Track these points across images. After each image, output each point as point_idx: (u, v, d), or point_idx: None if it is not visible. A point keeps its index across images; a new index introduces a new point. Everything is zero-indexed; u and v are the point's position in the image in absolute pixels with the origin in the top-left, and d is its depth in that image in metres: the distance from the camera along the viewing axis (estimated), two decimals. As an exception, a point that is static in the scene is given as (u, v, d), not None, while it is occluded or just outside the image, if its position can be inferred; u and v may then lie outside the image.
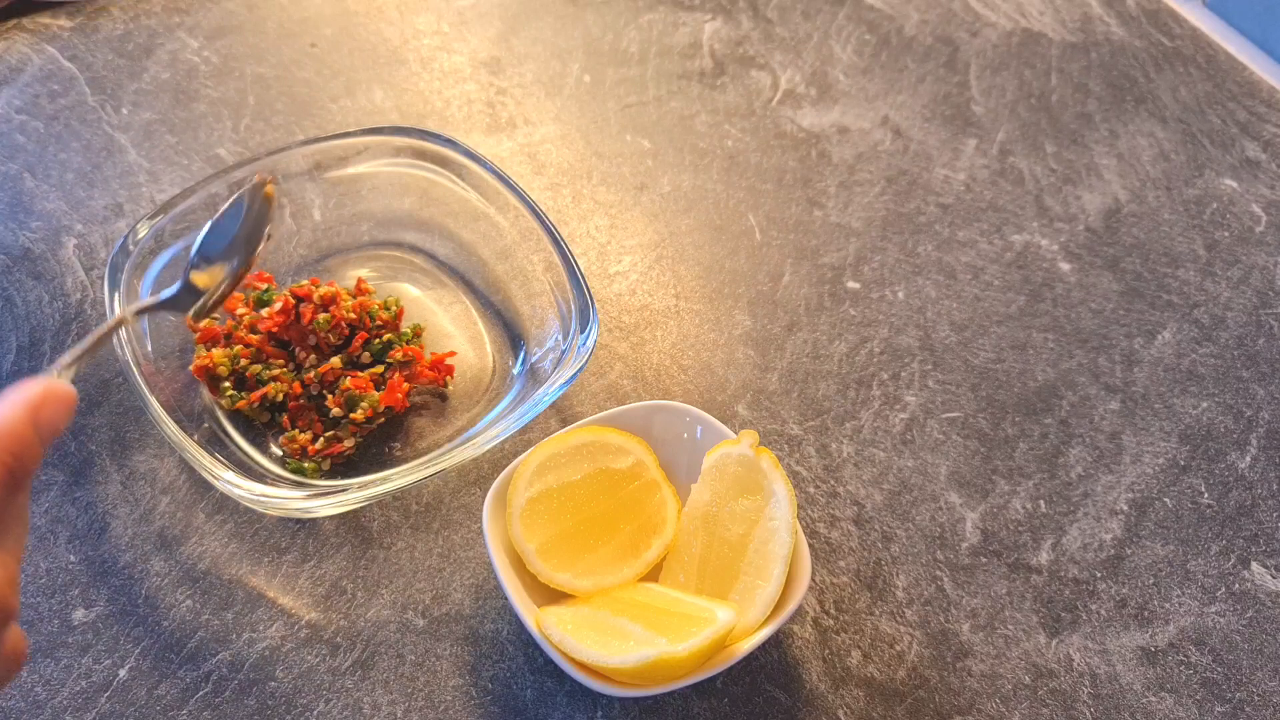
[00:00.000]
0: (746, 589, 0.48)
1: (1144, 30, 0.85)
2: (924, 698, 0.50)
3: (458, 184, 0.61)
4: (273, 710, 0.48)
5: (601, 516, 0.51)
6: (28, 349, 0.59)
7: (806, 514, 0.56)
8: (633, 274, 0.66)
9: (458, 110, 0.74)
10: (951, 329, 0.65)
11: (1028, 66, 0.81)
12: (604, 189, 0.70)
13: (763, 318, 0.64)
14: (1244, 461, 0.60)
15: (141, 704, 0.48)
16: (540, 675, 0.50)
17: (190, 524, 0.53)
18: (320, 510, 0.51)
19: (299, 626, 0.50)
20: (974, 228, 0.70)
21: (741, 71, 0.79)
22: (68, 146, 0.69)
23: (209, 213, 0.59)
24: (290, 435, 0.54)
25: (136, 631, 0.50)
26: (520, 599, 0.47)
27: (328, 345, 0.57)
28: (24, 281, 0.62)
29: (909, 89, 0.79)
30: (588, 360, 0.53)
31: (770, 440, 0.59)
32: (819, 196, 0.71)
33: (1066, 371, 0.63)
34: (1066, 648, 0.52)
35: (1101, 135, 0.77)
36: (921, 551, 0.55)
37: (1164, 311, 0.67)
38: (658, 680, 0.43)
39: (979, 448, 0.59)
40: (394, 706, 0.48)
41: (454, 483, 0.56)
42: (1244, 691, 0.51)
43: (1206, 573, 0.55)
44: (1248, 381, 0.64)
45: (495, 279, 0.62)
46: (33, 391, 0.33)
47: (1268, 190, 0.74)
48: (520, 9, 0.82)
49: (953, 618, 0.53)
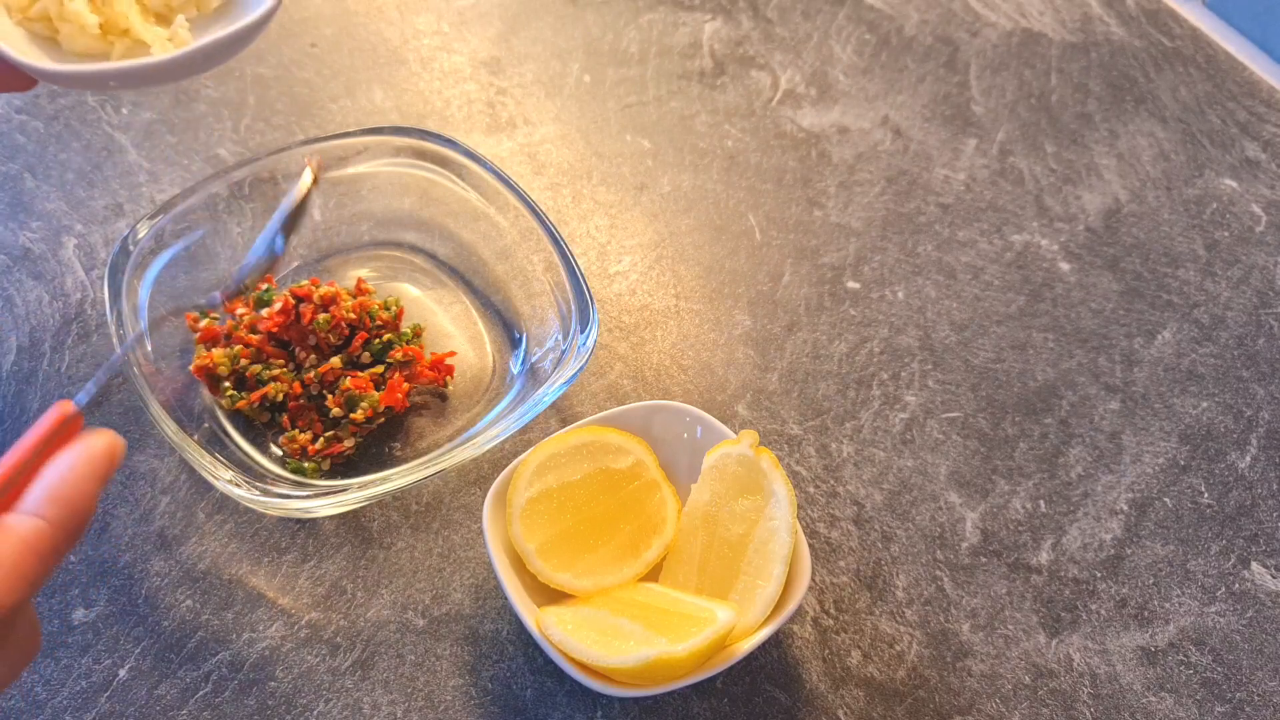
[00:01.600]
0: (746, 589, 0.48)
1: (1144, 30, 0.85)
2: (924, 698, 0.50)
3: (458, 184, 0.61)
4: (273, 710, 0.48)
5: (601, 516, 0.51)
6: (28, 349, 0.59)
7: (806, 514, 0.56)
8: (633, 274, 0.66)
9: (458, 110, 0.74)
10: (951, 329, 0.65)
11: (1028, 66, 0.81)
12: (604, 189, 0.70)
13: (763, 318, 0.64)
14: (1244, 461, 0.60)
15: (141, 704, 0.48)
16: (540, 675, 0.50)
17: (190, 524, 0.53)
18: (320, 510, 0.51)
19: (299, 626, 0.50)
20: (974, 228, 0.70)
21: (741, 71, 0.79)
22: (68, 146, 0.69)
23: (209, 213, 0.59)
24: (290, 435, 0.54)
25: (136, 631, 0.50)
26: (520, 599, 0.47)
27: (328, 345, 0.57)
28: (24, 281, 0.62)
29: (909, 89, 0.79)
30: (588, 360, 0.53)
31: (770, 440, 0.59)
32: (819, 196, 0.71)
33: (1066, 371, 0.63)
34: (1066, 648, 0.52)
35: (1101, 135, 0.77)
36: (921, 551, 0.55)
37: (1164, 311, 0.67)
38: (658, 680, 0.43)
39: (979, 448, 0.59)
40: (394, 706, 0.48)
41: (454, 483, 0.56)
42: (1244, 691, 0.51)
43: (1206, 573, 0.55)
44: (1248, 381, 0.64)
45: (495, 279, 0.62)
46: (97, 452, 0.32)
47: (1268, 190, 0.74)
48: (520, 9, 0.82)
49: (953, 618, 0.53)
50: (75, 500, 0.31)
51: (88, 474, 0.32)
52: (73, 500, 0.31)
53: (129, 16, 0.49)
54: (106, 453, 0.33)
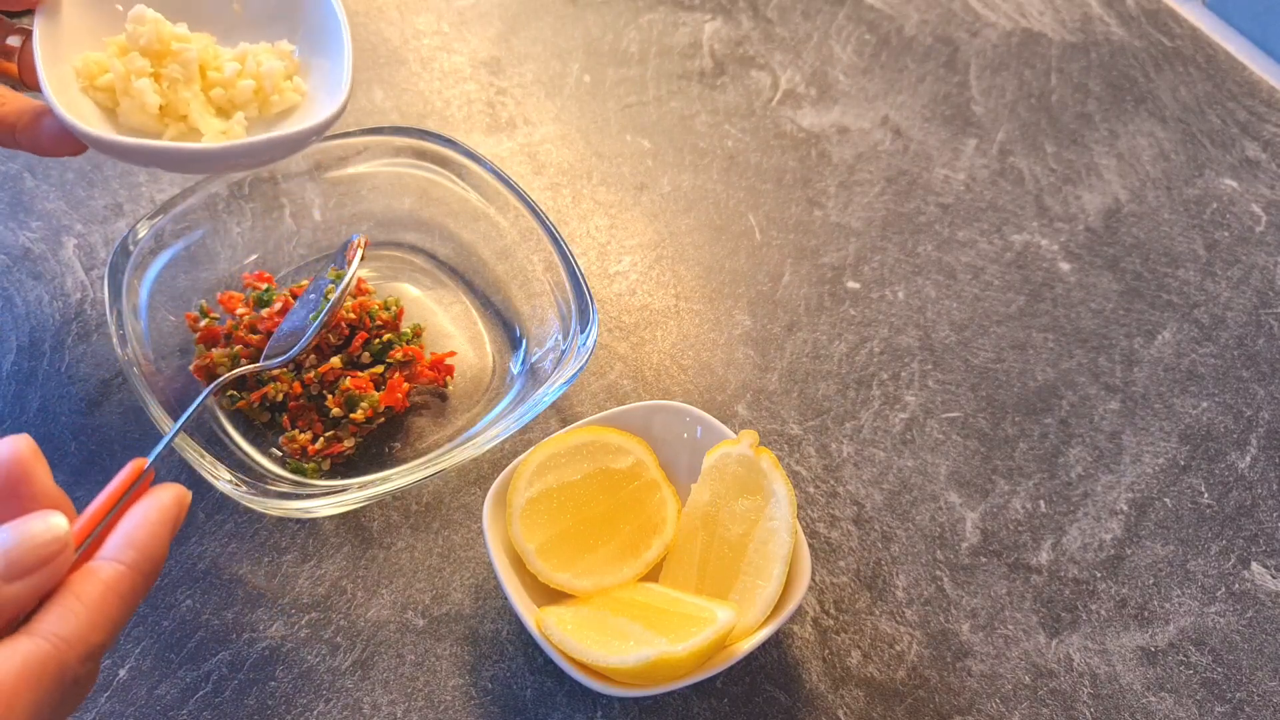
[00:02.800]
0: (746, 589, 0.48)
1: (1144, 30, 0.85)
2: (924, 698, 0.50)
3: (458, 184, 0.61)
4: (273, 710, 0.48)
5: (601, 516, 0.51)
6: (28, 349, 0.59)
7: (806, 514, 0.56)
8: (633, 274, 0.66)
9: (458, 110, 0.74)
10: (951, 329, 0.65)
11: (1028, 66, 0.81)
12: (604, 189, 0.71)
13: (763, 318, 0.64)
14: (1244, 461, 0.60)
15: (141, 704, 0.48)
16: (540, 675, 0.50)
17: (190, 524, 0.53)
18: (320, 510, 0.51)
19: (299, 626, 0.50)
20: (974, 228, 0.70)
21: (741, 71, 0.79)
22: (68, 146, 0.69)
23: (209, 213, 0.59)
24: (290, 435, 0.54)
25: (136, 631, 0.50)
26: (520, 599, 0.47)
27: (328, 345, 0.57)
28: (24, 281, 0.62)
29: (909, 89, 0.79)
30: (588, 360, 0.53)
31: (770, 440, 0.59)
32: (819, 196, 0.71)
33: (1066, 371, 0.63)
34: (1066, 648, 0.52)
35: (1101, 135, 0.77)
36: (921, 551, 0.55)
37: (1164, 311, 0.67)
38: (658, 680, 0.43)
39: (979, 448, 0.59)
40: (394, 706, 0.48)
41: (454, 483, 0.56)
42: (1244, 691, 0.51)
43: (1206, 573, 0.55)
44: (1248, 381, 0.64)
45: (495, 279, 0.62)
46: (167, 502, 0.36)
47: (1268, 190, 0.74)
48: (520, 9, 0.82)
49: (953, 618, 0.53)
50: (150, 546, 0.34)
51: (160, 521, 0.35)
52: (148, 546, 0.34)
53: (190, 105, 0.51)
54: (176, 503, 0.36)
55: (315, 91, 0.54)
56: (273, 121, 0.54)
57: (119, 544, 0.34)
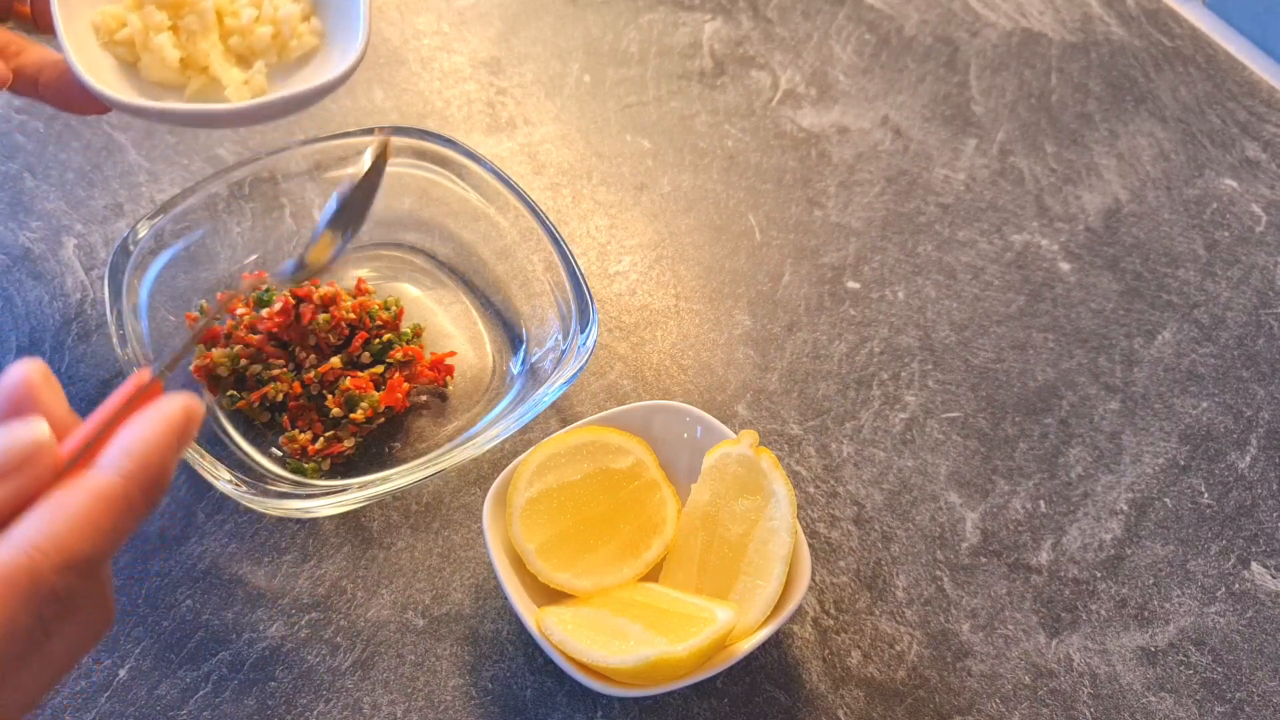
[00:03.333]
0: (746, 589, 0.48)
1: (1144, 30, 0.85)
2: (924, 698, 0.50)
3: (458, 184, 0.61)
4: (273, 710, 0.48)
5: (601, 516, 0.51)
6: (28, 349, 0.59)
7: (806, 514, 0.56)
8: (633, 274, 0.66)
9: (458, 110, 0.74)
10: (951, 329, 0.65)
11: (1028, 66, 0.81)
12: (604, 189, 0.71)
13: (763, 318, 0.64)
14: (1244, 461, 0.60)
15: (141, 704, 0.48)
16: (540, 675, 0.50)
17: (190, 524, 0.53)
18: (320, 510, 0.51)
19: (299, 627, 0.50)
20: (974, 228, 0.70)
21: (741, 71, 0.79)
22: (68, 146, 0.69)
23: (209, 213, 0.59)
24: (290, 435, 0.54)
25: (137, 631, 0.50)
26: (520, 599, 0.47)
27: (328, 345, 0.57)
28: (24, 281, 0.62)
29: (909, 89, 0.79)
30: (588, 360, 0.53)
31: (770, 440, 0.59)
32: (819, 196, 0.71)
33: (1066, 371, 0.63)
34: (1066, 648, 0.52)
35: (1101, 135, 0.77)
36: (921, 551, 0.55)
37: (1164, 311, 0.67)
38: (658, 680, 0.43)
39: (979, 448, 0.59)
40: (394, 706, 0.48)
41: (454, 483, 0.56)
42: (1244, 691, 0.51)
43: (1206, 573, 0.55)
44: (1248, 381, 0.64)
45: (495, 279, 0.62)
46: (173, 412, 0.32)
47: (1268, 190, 0.74)
48: (520, 9, 0.82)
49: (953, 618, 0.53)
50: (148, 456, 0.31)
51: (162, 431, 0.32)
52: (145, 456, 0.31)
53: (210, 55, 0.51)
54: (183, 413, 0.32)
55: (333, 32, 0.53)
56: (292, 67, 0.53)
57: (113, 453, 0.31)
